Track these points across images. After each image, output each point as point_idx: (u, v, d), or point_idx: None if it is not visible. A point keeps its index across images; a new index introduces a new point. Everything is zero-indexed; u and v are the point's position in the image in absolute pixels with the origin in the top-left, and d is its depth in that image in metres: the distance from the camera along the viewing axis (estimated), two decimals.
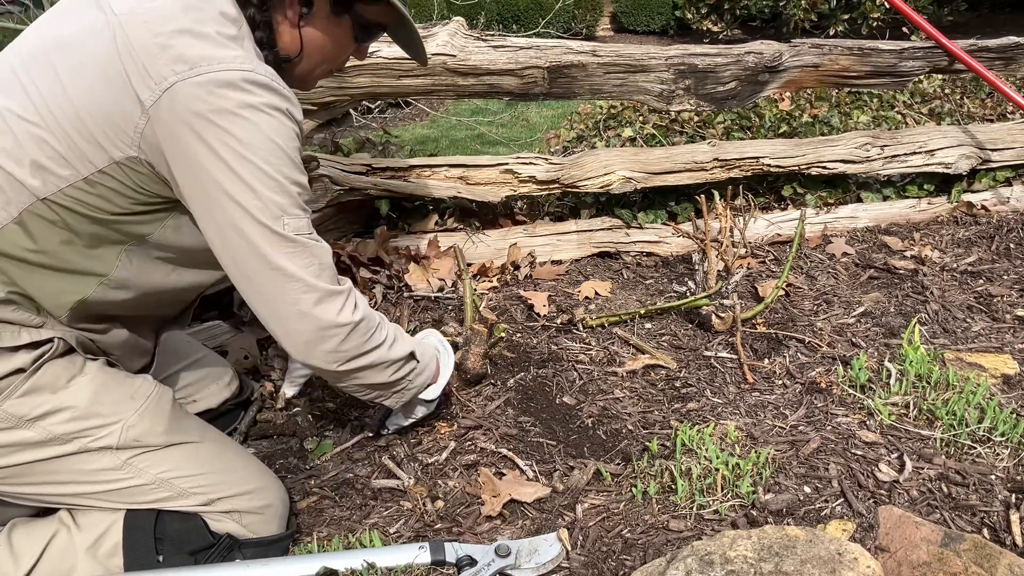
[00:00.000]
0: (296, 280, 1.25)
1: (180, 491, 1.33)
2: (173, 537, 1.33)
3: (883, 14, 7.54)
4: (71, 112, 1.16)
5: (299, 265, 1.25)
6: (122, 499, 1.32)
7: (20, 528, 1.33)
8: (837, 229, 2.80)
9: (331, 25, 1.36)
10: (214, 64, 1.14)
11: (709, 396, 1.85)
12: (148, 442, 1.31)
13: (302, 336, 1.30)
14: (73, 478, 1.29)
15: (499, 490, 1.53)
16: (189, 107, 1.13)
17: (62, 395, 1.25)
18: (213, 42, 1.16)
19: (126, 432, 1.29)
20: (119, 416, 1.29)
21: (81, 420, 1.26)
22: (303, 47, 1.35)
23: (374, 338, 1.39)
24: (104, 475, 1.29)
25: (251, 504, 1.39)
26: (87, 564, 1.31)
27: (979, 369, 1.88)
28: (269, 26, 1.29)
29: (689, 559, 1.18)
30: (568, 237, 2.62)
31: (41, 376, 1.24)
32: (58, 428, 1.25)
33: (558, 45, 2.34)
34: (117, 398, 1.30)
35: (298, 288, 1.26)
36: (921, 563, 1.24)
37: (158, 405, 1.35)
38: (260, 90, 1.17)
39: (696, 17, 8.96)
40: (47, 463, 1.26)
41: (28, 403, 1.23)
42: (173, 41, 1.14)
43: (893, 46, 2.66)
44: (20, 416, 1.22)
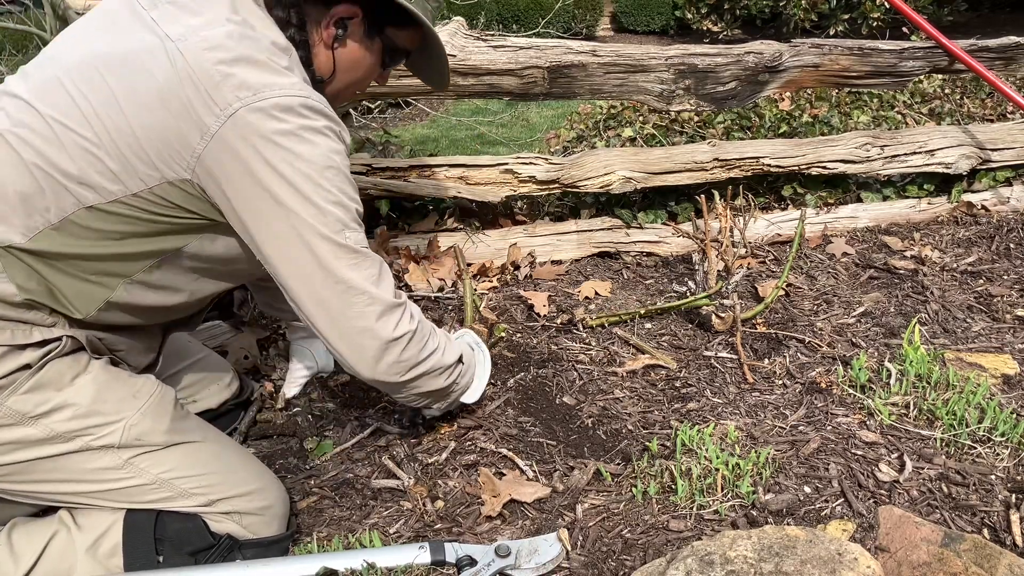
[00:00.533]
0: (361, 292, 1.29)
1: (181, 491, 1.33)
2: (173, 537, 1.33)
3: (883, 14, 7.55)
4: (127, 131, 1.18)
5: (362, 276, 1.29)
6: (123, 499, 1.32)
7: (20, 528, 1.34)
8: (837, 229, 2.80)
9: (363, 48, 1.41)
10: (275, 90, 1.19)
11: (709, 396, 1.85)
12: (150, 441, 1.31)
13: (368, 352, 1.33)
14: (74, 476, 1.29)
15: (499, 490, 1.53)
16: (254, 131, 1.17)
17: (66, 393, 1.25)
18: (271, 70, 1.21)
19: (128, 431, 1.29)
20: (121, 415, 1.29)
21: (83, 418, 1.26)
22: (336, 68, 1.40)
23: (428, 344, 1.43)
24: (105, 474, 1.30)
25: (251, 505, 1.39)
26: (87, 564, 1.31)
27: (979, 369, 1.88)
28: (307, 46, 1.34)
29: (689, 559, 1.18)
30: (568, 237, 2.62)
31: (46, 373, 1.24)
32: (60, 426, 1.25)
33: (558, 45, 2.34)
34: (120, 397, 1.31)
35: (363, 301, 1.29)
36: (921, 563, 1.24)
37: (160, 405, 1.35)
38: (316, 115, 1.23)
39: (696, 17, 8.96)
40: (48, 461, 1.26)
41: (32, 400, 1.23)
42: (234, 69, 1.17)
43: (893, 46, 2.66)
44: (23, 413, 1.23)
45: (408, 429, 1.77)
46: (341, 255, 1.27)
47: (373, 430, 1.77)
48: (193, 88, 1.16)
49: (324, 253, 1.26)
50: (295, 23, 1.31)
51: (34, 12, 3.87)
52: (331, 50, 1.38)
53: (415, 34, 1.45)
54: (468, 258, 2.48)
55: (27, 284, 1.22)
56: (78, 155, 1.18)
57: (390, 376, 1.37)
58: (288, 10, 1.30)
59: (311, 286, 1.28)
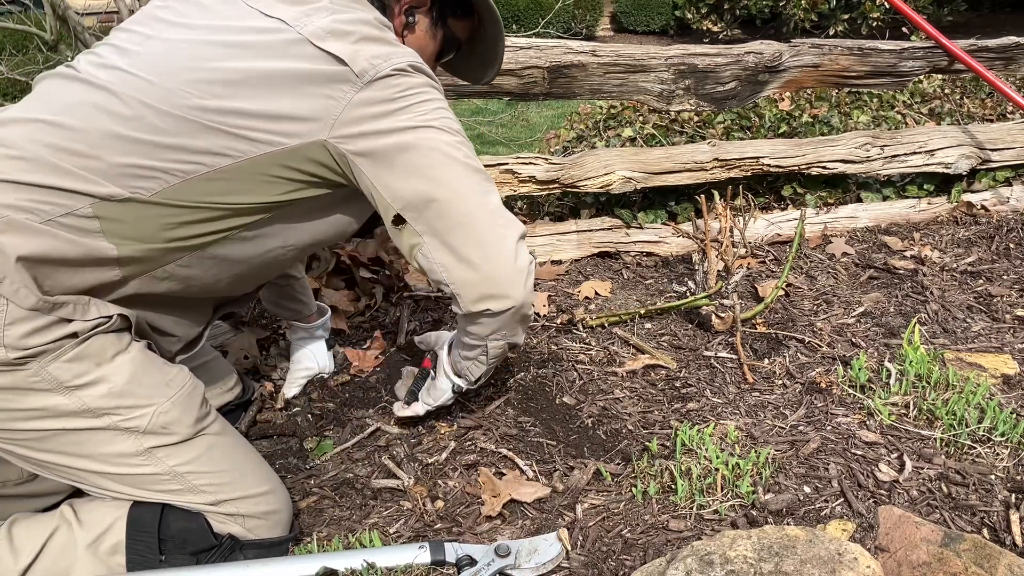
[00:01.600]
0: (501, 214, 1.36)
1: (191, 487, 1.33)
2: (176, 537, 1.33)
3: (883, 14, 7.55)
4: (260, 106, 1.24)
5: (498, 200, 1.37)
6: (134, 485, 1.31)
7: (21, 523, 1.33)
8: (837, 229, 2.80)
9: (428, 36, 1.50)
10: (401, 56, 1.30)
11: (709, 396, 1.85)
12: (174, 431, 1.31)
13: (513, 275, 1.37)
14: (91, 452, 1.28)
15: (499, 490, 1.53)
16: (390, 87, 1.27)
17: (105, 368, 1.26)
18: (388, 43, 1.32)
19: (156, 418, 1.29)
20: (153, 400, 1.30)
21: (117, 397, 1.26)
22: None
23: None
24: (122, 458, 1.29)
25: (257, 509, 1.39)
26: (87, 561, 1.30)
27: (979, 369, 1.88)
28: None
29: (689, 559, 1.18)
30: (568, 237, 2.62)
31: (90, 345, 1.24)
32: (93, 401, 1.25)
33: (558, 45, 2.34)
34: (154, 382, 1.31)
35: (504, 222, 1.36)
36: (921, 563, 1.24)
37: (191, 397, 1.35)
38: (424, 75, 1.34)
39: (696, 17, 8.96)
40: (73, 434, 1.26)
41: (72, 369, 1.23)
42: (359, 46, 1.27)
43: (893, 46, 2.66)
44: (61, 381, 1.23)
45: (408, 429, 1.77)
46: (480, 179, 1.35)
47: (373, 430, 1.77)
48: (328, 64, 1.24)
49: (468, 178, 1.33)
50: (377, 5, 1.39)
51: (34, 12, 3.88)
52: (401, 37, 1.45)
53: (469, 24, 1.54)
54: None
55: (123, 243, 1.25)
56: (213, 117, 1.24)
57: (525, 302, 1.41)
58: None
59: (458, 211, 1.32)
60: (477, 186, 1.34)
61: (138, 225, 1.26)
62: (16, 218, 1.17)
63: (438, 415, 1.80)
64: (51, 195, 1.20)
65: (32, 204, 1.19)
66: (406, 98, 1.29)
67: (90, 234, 1.23)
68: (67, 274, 1.23)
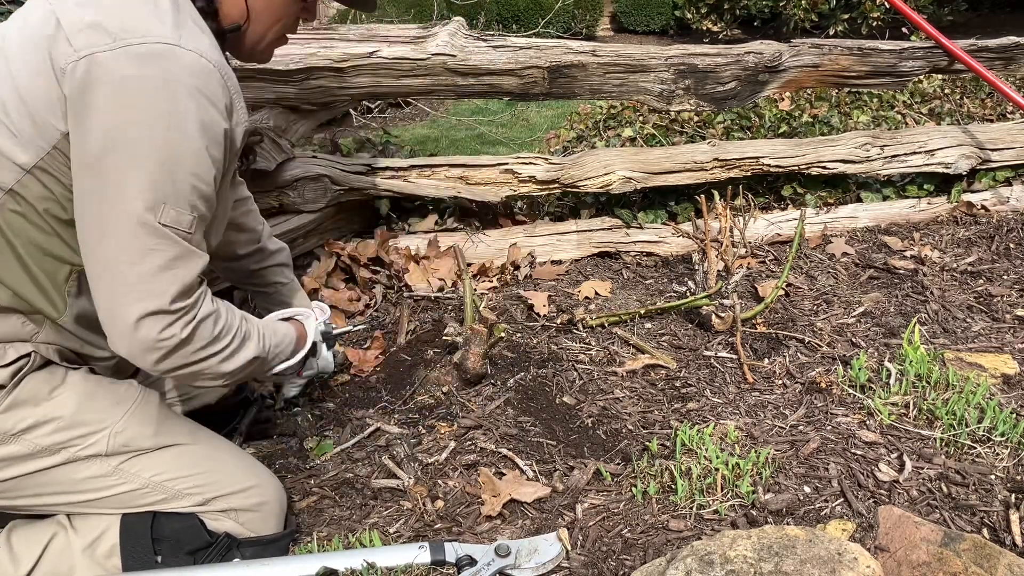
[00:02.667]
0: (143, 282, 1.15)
1: (174, 493, 1.33)
2: (170, 537, 1.33)
3: (883, 14, 7.54)
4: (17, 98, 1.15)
5: (154, 264, 1.15)
6: (117, 505, 1.32)
7: (19, 530, 1.34)
8: (837, 229, 2.80)
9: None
10: (137, 36, 1.12)
11: (709, 396, 1.85)
12: (137, 446, 1.31)
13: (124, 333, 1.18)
14: (65, 488, 1.28)
15: (499, 490, 1.53)
16: (102, 74, 1.10)
17: (45, 407, 1.24)
18: (142, 19, 1.14)
19: (114, 438, 1.29)
20: (105, 423, 1.28)
21: (67, 430, 1.26)
22: (249, 11, 1.30)
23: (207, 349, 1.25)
24: (96, 482, 1.29)
25: (247, 502, 1.38)
26: (85, 565, 1.31)
27: (979, 369, 1.88)
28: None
29: (689, 559, 1.18)
30: (568, 237, 2.62)
31: (21, 391, 1.23)
32: (44, 440, 1.24)
33: (558, 45, 2.34)
34: (103, 405, 1.30)
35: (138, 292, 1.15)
36: (921, 563, 1.24)
37: (144, 409, 1.34)
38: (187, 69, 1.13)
39: (696, 17, 8.95)
40: (37, 476, 1.26)
41: (11, 418, 1.22)
42: (100, 18, 1.12)
43: (893, 46, 2.66)
44: (5, 431, 1.22)
45: (408, 429, 1.77)
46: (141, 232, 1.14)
47: (373, 430, 1.77)
48: (59, 42, 1.12)
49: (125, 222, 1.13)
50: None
51: None
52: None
53: None
54: (468, 258, 2.48)
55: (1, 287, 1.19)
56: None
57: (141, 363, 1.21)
58: None
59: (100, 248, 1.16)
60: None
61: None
62: None
63: (438, 415, 1.80)
64: None
65: None
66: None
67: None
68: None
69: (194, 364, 1.24)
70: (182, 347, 1.20)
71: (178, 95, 1.13)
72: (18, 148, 1.15)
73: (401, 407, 1.85)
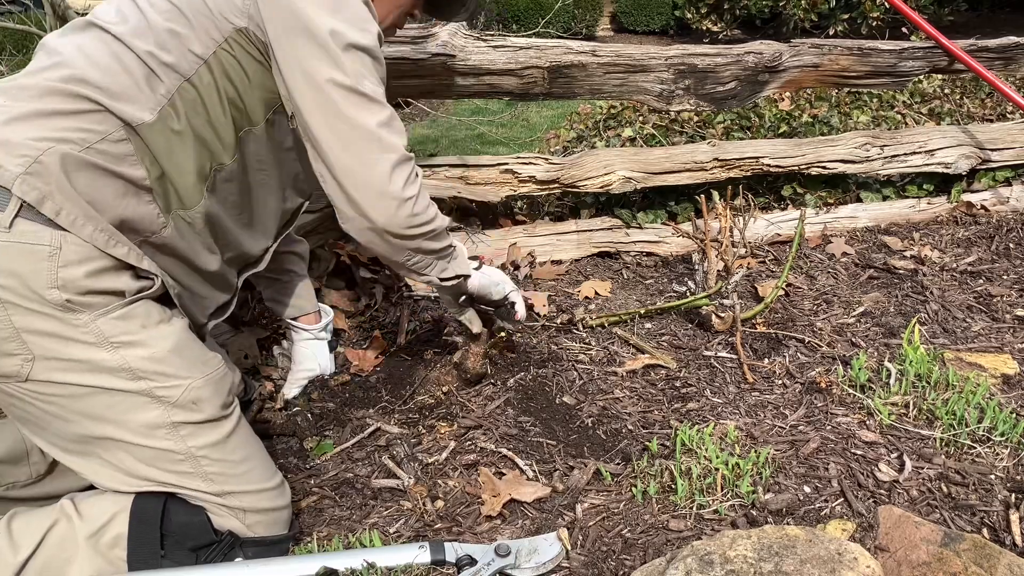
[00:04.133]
0: (378, 138, 1.35)
1: (201, 472, 1.33)
2: (176, 532, 1.33)
3: (883, 14, 7.54)
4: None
5: (378, 122, 1.35)
6: (150, 462, 1.31)
7: (20, 517, 1.33)
8: (837, 229, 2.80)
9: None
10: None
11: (709, 396, 1.85)
12: (202, 409, 1.33)
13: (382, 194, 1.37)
14: (121, 418, 1.28)
15: (499, 490, 1.53)
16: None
17: (150, 332, 1.28)
18: None
19: (190, 392, 1.31)
20: (190, 374, 1.32)
21: (157, 362, 1.28)
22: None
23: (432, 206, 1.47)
24: (147, 431, 1.29)
25: (258, 505, 1.39)
26: (87, 554, 1.30)
27: (979, 369, 1.88)
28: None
29: (689, 559, 1.18)
30: (568, 237, 2.62)
31: (137, 307, 1.28)
32: (135, 362, 1.26)
33: (558, 45, 2.34)
34: (193, 357, 1.34)
35: (377, 148, 1.35)
36: (921, 563, 1.24)
37: (222, 381, 1.38)
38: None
39: (696, 17, 8.96)
40: (107, 394, 1.26)
41: (119, 327, 1.25)
42: None
43: (893, 46, 2.66)
44: (107, 337, 1.24)
45: (408, 429, 1.77)
46: (359, 101, 1.33)
47: (373, 430, 1.77)
48: None
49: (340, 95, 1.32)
50: None
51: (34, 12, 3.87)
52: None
53: None
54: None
55: (153, 168, 1.31)
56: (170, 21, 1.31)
57: (402, 228, 1.41)
58: None
59: (332, 131, 1.34)
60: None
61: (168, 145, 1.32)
62: (61, 149, 1.21)
63: (438, 415, 1.80)
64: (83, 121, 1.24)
65: (69, 134, 1.22)
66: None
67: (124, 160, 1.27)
68: (113, 204, 1.26)
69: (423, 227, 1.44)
70: (419, 201, 1.41)
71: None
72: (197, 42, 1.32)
73: (401, 407, 1.85)
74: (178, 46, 1.31)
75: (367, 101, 1.34)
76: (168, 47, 1.30)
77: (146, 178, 1.30)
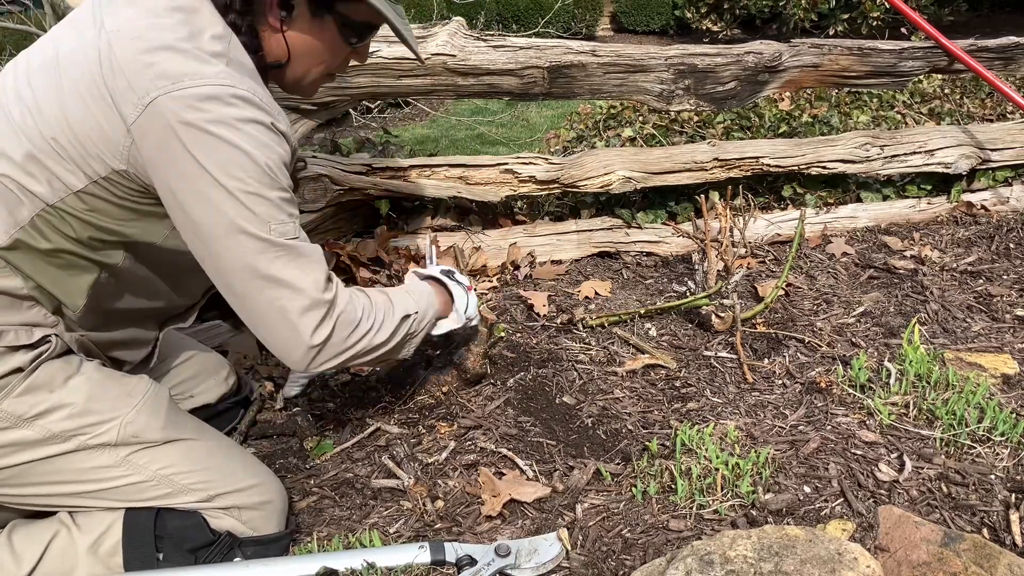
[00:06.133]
0: (285, 286, 1.26)
1: (180, 487, 1.34)
2: (173, 535, 1.33)
3: (883, 14, 7.54)
4: (66, 127, 1.19)
5: (288, 271, 1.26)
6: (122, 497, 1.32)
7: (21, 529, 1.34)
8: (837, 229, 2.80)
9: (315, 27, 1.35)
10: (196, 79, 1.16)
11: (709, 396, 1.85)
12: (146, 438, 1.32)
13: (291, 344, 1.30)
14: (73, 477, 1.29)
15: (499, 490, 1.53)
16: (171, 120, 1.15)
17: (59, 393, 1.27)
18: (196, 58, 1.18)
19: (124, 428, 1.30)
20: (117, 413, 1.30)
21: (79, 417, 1.27)
22: (290, 51, 1.35)
23: (360, 327, 1.38)
24: (103, 472, 1.30)
25: (250, 500, 1.39)
26: (88, 563, 1.31)
27: (979, 369, 1.88)
28: (253, 31, 1.30)
29: (689, 559, 1.18)
30: (568, 237, 2.62)
31: (38, 375, 1.25)
32: (56, 426, 1.26)
33: (558, 45, 2.34)
34: (115, 395, 1.32)
35: (286, 295, 1.27)
36: (921, 563, 1.24)
37: (155, 402, 1.36)
38: (242, 104, 1.19)
39: (696, 17, 8.96)
40: (46, 462, 1.27)
41: (26, 402, 1.24)
42: (156, 58, 1.16)
43: (893, 46, 2.66)
44: (19, 415, 1.24)
45: (408, 429, 1.77)
46: (264, 249, 1.24)
47: (373, 430, 1.77)
48: (114, 78, 1.16)
49: (248, 248, 1.23)
50: (237, 8, 1.27)
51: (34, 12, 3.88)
52: (281, 33, 1.33)
53: (370, 8, 1.34)
54: (468, 258, 2.48)
55: (27, 280, 1.25)
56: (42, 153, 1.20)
57: (318, 366, 1.34)
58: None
59: (232, 280, 1.26)
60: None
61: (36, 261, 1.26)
62: None
63: (438, 415, 1.80)
64: None
65: None
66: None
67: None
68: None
69: (353, 346, 1.36)
70: (338, 332, 1.33)
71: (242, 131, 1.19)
72: (68, 173, 1.21)
73: (401, 407, 1.85)
74: (43, 173, 1.21)
75: (271, 246, 1.24)
76: (34, 174, 1.21)
77: (23, 287, 1.25)
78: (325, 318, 1.31)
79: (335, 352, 1.35)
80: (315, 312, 1.29)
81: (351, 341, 1.37)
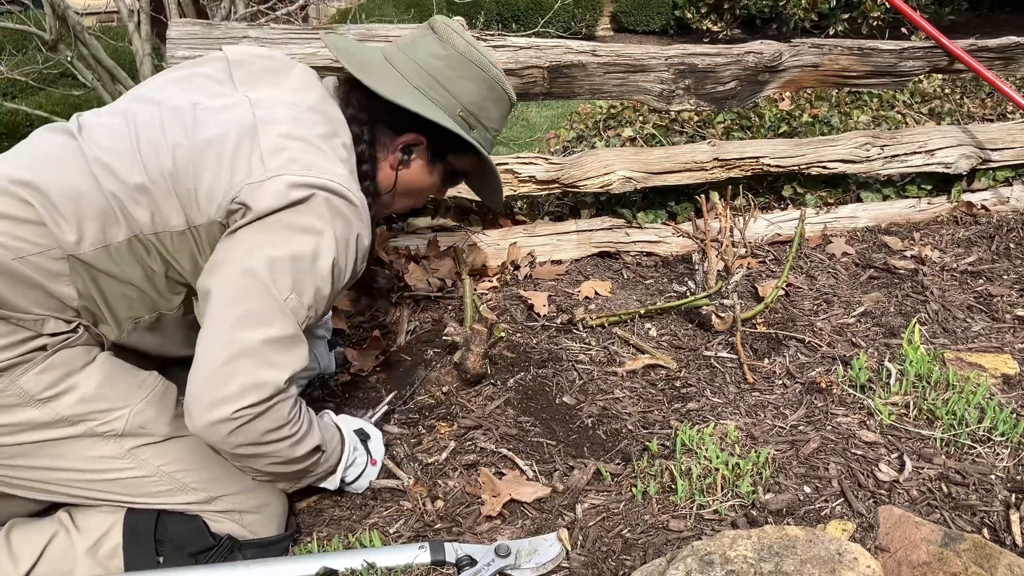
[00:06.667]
0: (258, 353, 1.24)
1: (180, 485, 1.34)
2: (173, 539, 1.33)
3: (883, 13, 7.54)
4: (191, 175, 1.26)
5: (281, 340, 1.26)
6: (122, 490, 1.32)
7: (19, 529, 1.33)
8: (837, 229, 2.80)
9: (424, 172, 1.53)
10: (324, 172, 1.27)
11: (709, 396, 1.85)
12: (153, 431, 1.33)
13: (214, 397, 1.22)
14: (75, 464, 1.29)
15: (499, 490, 1.53)
16: (284, 197, 1.23)
17: (75, 378, 1.28)
18: (327, 157, 1.30)
19: (132, 419, 1.31)
20: (127, 402, 1.32)
21: (89, 402, 1.28)
22: (396, 186, 1.52)
23: (281, 431, 1.30)
24: (106, 463, 1.30)
25: (250, 503, 1.39)
26: (87, 565, 1.31)
27: (979, 369, 1.88)
28: (374, 161, 1.45)
29: (689, 559, 1.18)
30: (568, 237, 2.62)
31: (59, 356, 1.27)
32: (66, 409, 1.27)
33: (558, 45, 2.34)
34: (126, 386, 1.33)
35: (256, 356, 1.23)
36: (921, 563, 1.24)
37: (164, 397, 1.37)
38: (350, 210, 1.29)
39: (696, 17, 8.95)
40: (52, 445, 1.27)
41: (43, 380, 1.25)
42: (290, 144, 1.27)
43: (893, 46, 2.66)
44: (32, 394, 1.25)
45: (408, 429, 1.77)
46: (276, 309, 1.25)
47: None
48: (251, 145, 1.26)
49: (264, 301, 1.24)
50: (366, 139, 1.42)
51: (34, 12, 3.87)
52: (395, 171, 1.49)
53: (475, 160, 1.54)
54: (467, 258, 2.48)
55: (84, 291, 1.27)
56: (156, 184, 1.26)
57: (220, 442, 1.24)
58: (362, 127, 1.42)
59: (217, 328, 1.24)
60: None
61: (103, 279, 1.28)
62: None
63: (438, 415, 1.80)
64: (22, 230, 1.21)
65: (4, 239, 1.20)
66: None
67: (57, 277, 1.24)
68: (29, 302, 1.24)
69: (267, 444, 1.28)
70: (263, 421, 1.25)
71: (342, 231, 1.29)
72: (173, 212, 1.28)
73: (401, 407, 1.85)
74: (150, 204, 1.26)
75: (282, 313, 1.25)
76: (140, 201, 1.26)
77: (75, 299, 1.28)
78: (267, 400, 1.24)
79: (247, 440, 1.25)
80: (263, 390, 1.23)
81: (269, 438, 1.28)
